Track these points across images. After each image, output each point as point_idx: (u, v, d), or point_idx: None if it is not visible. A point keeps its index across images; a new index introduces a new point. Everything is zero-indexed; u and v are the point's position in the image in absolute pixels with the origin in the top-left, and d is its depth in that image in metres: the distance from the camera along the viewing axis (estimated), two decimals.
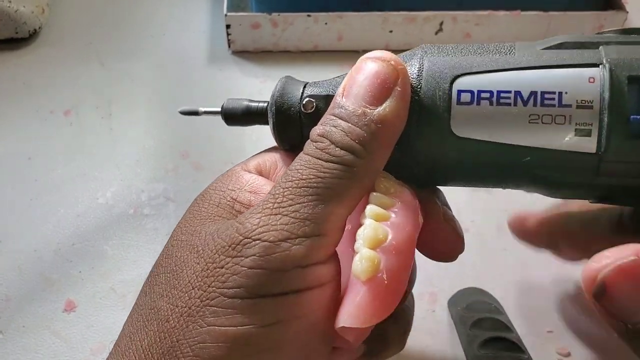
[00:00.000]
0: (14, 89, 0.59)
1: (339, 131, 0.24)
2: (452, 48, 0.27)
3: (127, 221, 0.49)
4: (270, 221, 0.23)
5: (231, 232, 0.24)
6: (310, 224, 0.23)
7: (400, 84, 0.25)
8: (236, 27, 0.60)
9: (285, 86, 0.28)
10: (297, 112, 0.27)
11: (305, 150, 0.25)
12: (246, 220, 0.24)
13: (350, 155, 0.24)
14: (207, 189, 0.29)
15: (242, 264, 0.23)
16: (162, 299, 0.24)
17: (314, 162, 0.24)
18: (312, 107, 0.27)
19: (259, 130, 0.55)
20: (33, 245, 0.48)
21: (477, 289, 0.43)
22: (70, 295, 0.45)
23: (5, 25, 0.61)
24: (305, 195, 0.24)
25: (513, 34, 0.61)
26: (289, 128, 0.28)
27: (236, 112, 0.29)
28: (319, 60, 0.62)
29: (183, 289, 0.24)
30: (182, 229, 0.27)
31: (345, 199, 0.24)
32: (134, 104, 0.58)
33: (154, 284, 0.25)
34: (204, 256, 0.24)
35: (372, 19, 0.60)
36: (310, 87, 0.28)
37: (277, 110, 0.28)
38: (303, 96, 0.28)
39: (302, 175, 0.24)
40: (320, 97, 0.27)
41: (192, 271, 0.24)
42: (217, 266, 0.23)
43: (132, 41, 0.64)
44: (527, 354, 0.38)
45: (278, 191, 0.24)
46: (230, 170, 0.29)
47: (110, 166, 0.53)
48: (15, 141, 0.55)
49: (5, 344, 0.42)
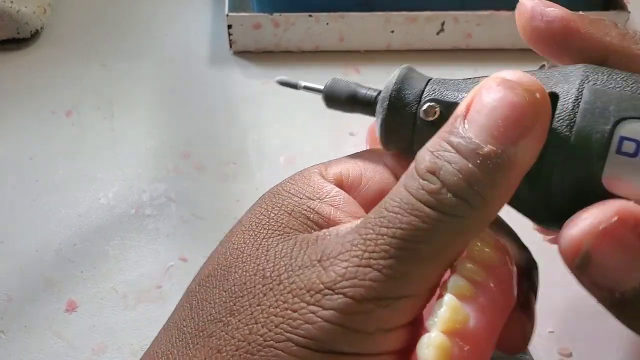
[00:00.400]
0: (16, 89, 0.59)
1: (454, 171, 0.20)
2: (622, 77, 0.21)
3: (129, 221, 0.49)
4: (358, 274, 0.20)
5: (311, 276, 0.21)
6: (403, 284, 0.20)
7: (540, 122, 0.20)
8: (237, 28, 0.60)
9: (405, 80, 0.24)
10: (412, 112, 0.23)
11: (407, 185, 0.21)
12: (330, 267, 0.21)
13: (463, 206, 0.20)
14: (278, 189, 0.25)
15: (318, 315, 0.20)
16: (215, 324, 0.22)
17: (418, 208, 0.20)
18: (434, 114, 0.23)
19: (261, 130, 0.55)
20: (34, 246, 0.48)
21: None
22: (72, 296, 0.45)
23: (7, 25, 0.61)
24: (402, 248, 0.20)
25: (515, 35, 0.61)
26: (400, 129, 0.24)
27: (340, 95, 0.26)
28: (320, 61, 0.62)
29: (243, 320, 0.21)
30: (245, 235, 0.23)
31: (447, 256, 0.21)
32: (136, 105, 0.58)
33: (204, 298, 0.23)
34: (274, 290, 0.21)
35: (373, 19, 0.60)
36: (434, 86, 0.24)
37: (391, 107, 0.24)
38: (424, 97, 0.23)
39: (401, 223, 0.20)
40: (446, 104, 0.23)
41: (257, 302, 0.21)
42: (290, 308, 0.21)
43: (133, 42, 0.64)
44: (528, 354, 0.38)
45: (370, 236, 0.20)
46: (307, 173, 0.25)
47: (111, 166, 0.53)
48: (16, 141, 0.55)
49: (6, 345, 0.42)
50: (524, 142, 0.20)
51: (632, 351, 0.42)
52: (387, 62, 0.62)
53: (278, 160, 0.54)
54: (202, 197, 0.51)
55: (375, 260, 0.20)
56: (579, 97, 0.21)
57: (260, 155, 0.54)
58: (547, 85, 0.22)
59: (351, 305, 0.20)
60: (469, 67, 0.61)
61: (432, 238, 0.20)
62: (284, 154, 0.54)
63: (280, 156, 0.54)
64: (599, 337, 0.43)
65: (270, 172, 0.53)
